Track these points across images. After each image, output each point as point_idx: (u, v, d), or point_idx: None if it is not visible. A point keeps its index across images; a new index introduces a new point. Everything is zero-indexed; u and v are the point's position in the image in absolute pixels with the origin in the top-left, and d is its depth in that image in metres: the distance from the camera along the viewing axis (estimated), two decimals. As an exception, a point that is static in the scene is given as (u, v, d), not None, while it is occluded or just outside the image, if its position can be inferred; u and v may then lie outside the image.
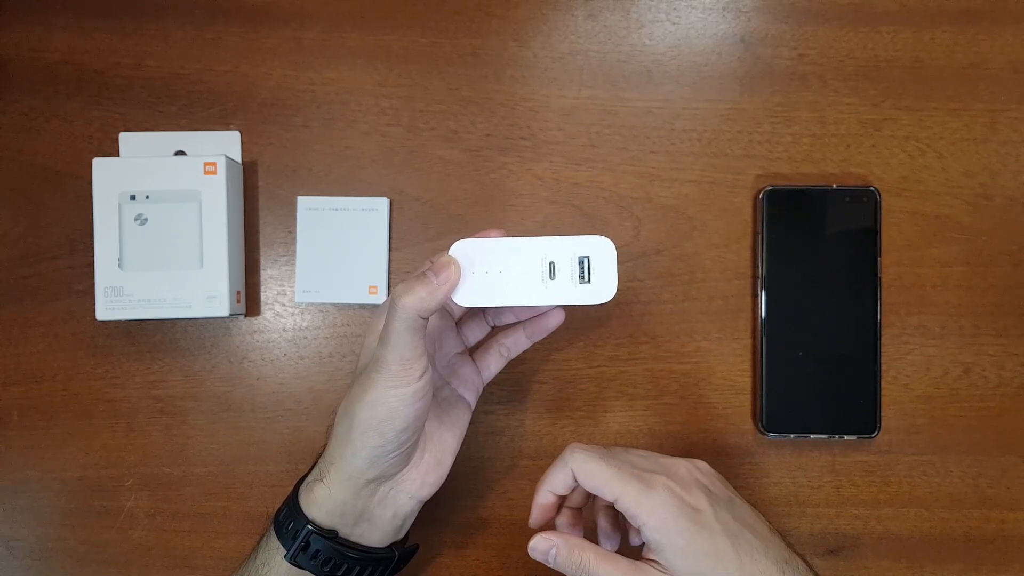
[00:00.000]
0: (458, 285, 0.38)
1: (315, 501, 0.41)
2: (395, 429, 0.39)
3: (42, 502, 0.53)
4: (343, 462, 0.41)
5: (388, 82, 0.54)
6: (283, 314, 0.54)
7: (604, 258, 0.37)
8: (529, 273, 0.38)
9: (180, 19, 0.54)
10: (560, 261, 0.37)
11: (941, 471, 0.53)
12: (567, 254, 0.37)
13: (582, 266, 0.38)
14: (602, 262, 0.37)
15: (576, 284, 0.38)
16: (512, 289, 0.38)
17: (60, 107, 0.54)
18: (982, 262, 0.53)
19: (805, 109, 0.53)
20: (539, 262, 0.38)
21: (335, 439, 0.41)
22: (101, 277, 0.50)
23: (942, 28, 0.53)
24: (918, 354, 0.53)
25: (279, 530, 0.42)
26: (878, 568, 0.52)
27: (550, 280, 0.38)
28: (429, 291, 0.37)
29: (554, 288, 0.38)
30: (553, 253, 0.38)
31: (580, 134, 0.53)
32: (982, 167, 0.53)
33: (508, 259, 0.38)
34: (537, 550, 0.39)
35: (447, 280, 0.37)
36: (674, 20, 0.54)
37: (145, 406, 0.53)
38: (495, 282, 0.38)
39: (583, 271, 0.38)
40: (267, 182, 0.54)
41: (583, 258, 0.37)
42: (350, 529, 0.42)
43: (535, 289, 0.38)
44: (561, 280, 0.38)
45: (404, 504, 0.43)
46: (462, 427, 0.45)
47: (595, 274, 0.37)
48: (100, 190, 0.50)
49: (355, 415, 0.40)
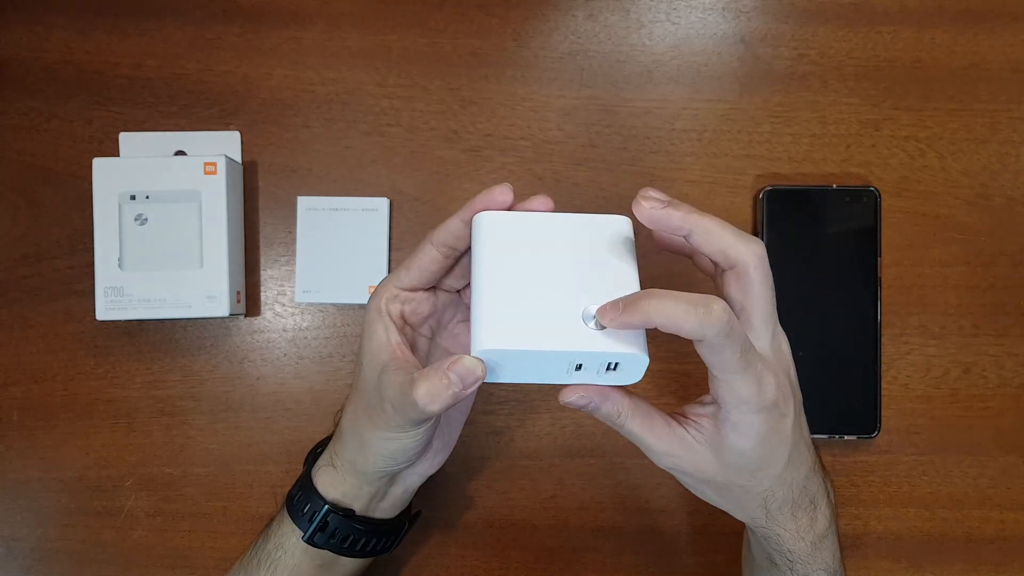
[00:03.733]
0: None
1: (330, 483, 0.42)
2: (408, 456, 0.40)
3: (42, 502, 0.53)
4: (356, 465, 0.41)
5: (388, 82, 0.54)
6: (283, 314, 0.54)
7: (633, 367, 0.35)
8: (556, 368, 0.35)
9: (180, 19, 0.54)
10: (588, 365, 0.35)
11: (941, 471, 0.53)
12: (597, 361, 0.35)
13: (609, 367, 0.35)
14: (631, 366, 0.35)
15: (602, 374, 0.35)
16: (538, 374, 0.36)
17: (60, 107, 0.54)
18: (982, 262, 0.53)
19: (805, 109, 0.53)
20: (565, 364, 0.35)
21: (345, 445, 0.42)
22: (101, 277, 0.50)
23: (942, 28, 0.53)
24: (918, 354, 0.53)
25: (294, 512, 0.42)
26: (878, 568, 0.52)
27: (575, 372, 0.35)
28: (452, 397, 0.35)
29: (579, 377, 0.36)
30: (582, 358, 0.35)
31: (580, 134, 0.53)
32: (982, 167, 0.53)
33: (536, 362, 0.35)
34: (569, 395, 0.36)
35: (471, 385, 0.35)
36: (674, 20, 0.54)
37: (145, 406, 0.53)
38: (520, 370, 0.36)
39: (610, 366, 0.35)
40: (267, 182, 0.54)
41: (611, 364, 0.35)
42: (364, 507, 0.43)
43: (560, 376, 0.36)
44: (586, 373, 0.35)
45: (413, 482, 0.44)
46: (468, 402, 0.46)
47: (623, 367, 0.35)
48: (100, 190, 0.50)
49: (366, 440, 0.40)
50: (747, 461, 0.36)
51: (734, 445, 0.35)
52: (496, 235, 0.38)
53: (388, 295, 0.40)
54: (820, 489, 0.39)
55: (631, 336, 0.35)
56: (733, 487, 0.37)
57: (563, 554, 0.53)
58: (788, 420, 0.36)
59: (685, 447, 0.36)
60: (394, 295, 0.40)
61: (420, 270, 0.40)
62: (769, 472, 0.36)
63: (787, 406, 0.36)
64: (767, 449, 0.36)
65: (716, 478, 0.37)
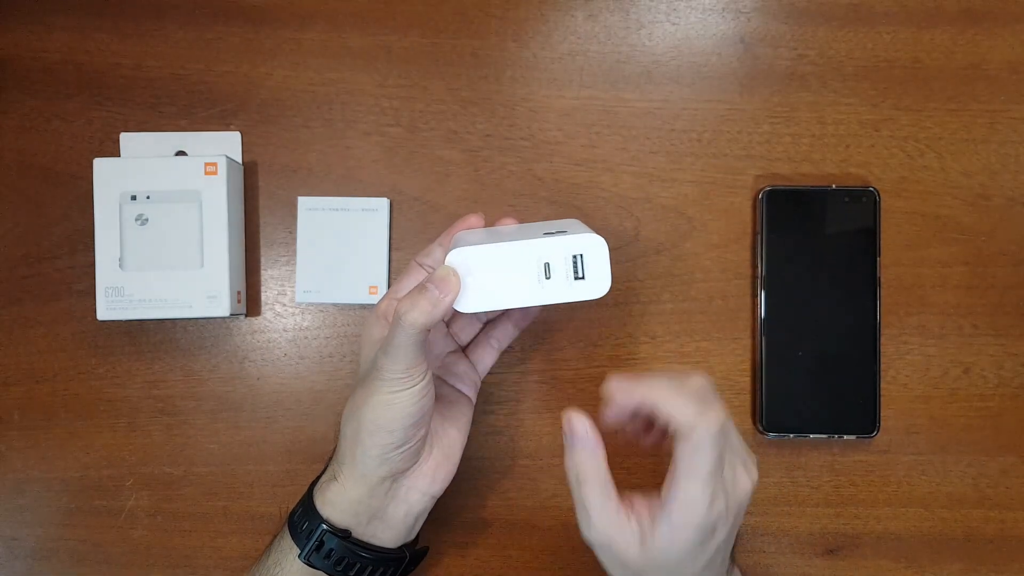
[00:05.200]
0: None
1: (329, 500, 0.42)
2: (403, 426, 0.40)
3: (42, 502, 0.53)
4: (354, 461, 0.41)
5: (388, 82, 0.54)
6: (283, 314, 0.54)
7: (597, 255, 0.38)
8: (525, 275, 0.38)
9: (180, 19, 0.54)
10: (554, 261, 0.38)
11: (941, 471, 0.53)
12: (561, 254, 0.38)
13: (575, 264, 0.38)
14: (595, 258, 0.38)
15: (571, 282, 0.38)
16: (510, 292, 0.39)
17: (60, 107, 0.54)
18: (982, 262, 0.53)
19: (805, 109, 0.53)
20: (534, 263, 0.38)
21: (344, 440, 0.42)
22: (102, 277, 0.50)
23: (942, 28, 0.53)
24: (917, 354, 0.53)
25: (293, 530, 0.42)
26: (877, 568, 0.53)
27: (546, 280, 0.38)
28: (432, 304, 0.37)
29: (550, 287, 0.38)
30: (547, 254, 0.38)
31: (580, 134, 0.53)
32: (982, 167, 0.53)
33: (504, 264, 0.38)
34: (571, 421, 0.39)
35: (449, 292, 0.38)
36: (674, 20, 0.54)
37: (145, 406, 0.53)
38: (493, 287, 0.39)
39: (577, 269, 0.38)
40: (267, 182, 0.54)
41: (576, 256, 0.38)
42: (364, 528, 0.42)
43: (532, 290, 0.39)
44: (557, 279, 0.38)
45: (417, 501, 0.43)
46: (466, 422, 0.46)
47: (589, 271, 0.38)
48: (101, 190, 0.50)
49: (362, 417, 0.40)
50: (665, 561, 0.38)
51: (662, 546, 0.37)
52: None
53: (386, 302, 0.44)
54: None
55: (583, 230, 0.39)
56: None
57: (563, 554, 0.53)
58: (716, 540, 0.38)
59: (621, 534, 0.38)
60: (390, 302, 0.44)
61: (409, 280, 0.43)
62: (681, 573, 0.39)
63: (723, 529, 0.38)
64: (689, 558, 0.38)
65: (632, 565, 0.38)
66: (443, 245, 0.43)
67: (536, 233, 0.40)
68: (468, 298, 0.39)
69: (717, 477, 0.37)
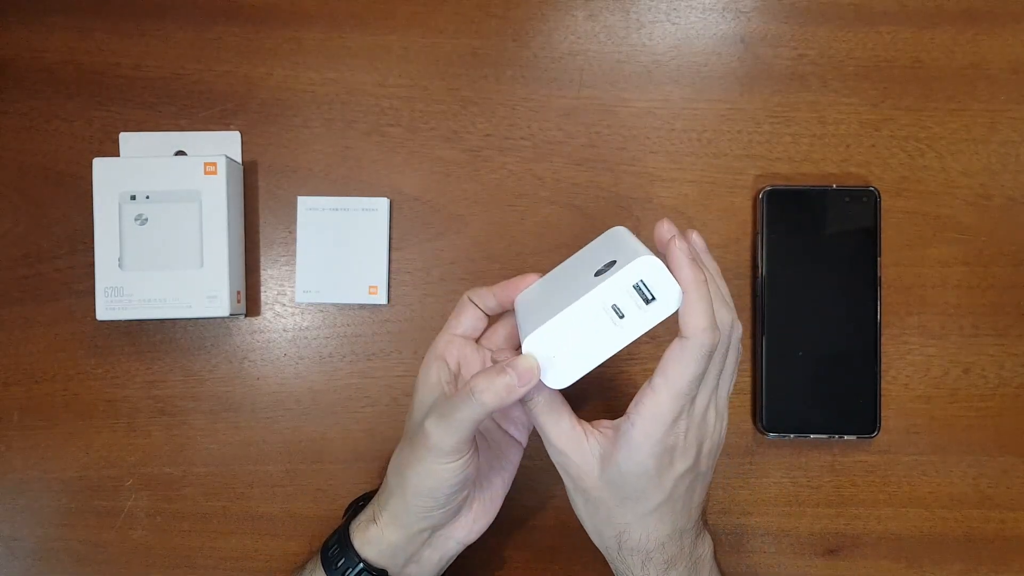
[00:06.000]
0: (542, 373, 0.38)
1: (368, 540, 0.42)
2: (446, 494, 0.40)
3: (42, 502, 0.53)
4: (397, 513, 0.42)
5: (388, 82, 0.54)
6: (283, 314, 0.54)
7: (655, 274, 0.37)
8: (601, 327, 0.37)
9: (180, 19, 0.54)
10: (620, 300, 0.37)
11: (941, 471, 0.53)
12: (623, 291, 0.37)
13: (640, 292, 0.37)
14: (655, 277, 0.37)
15: (644, 309, 0.37)
16: (594, 350, 0.38)
17: (60, 107, 0.54)
18: (982, 262, 0.53)
19: (805, 109, 0.53)
20: (603, 313, 0.37)
21: (388, 490, 0.42)
22: (101, 277, 0.50)
23: (942, 28, 0.53)
24: (918, 354, 0.53)
25: (328, 565, 0.43)
26: (878, 568, 0.52)
27: (620, 320, 0.37)
28: (508, 392, 0.37)
29: (628, 325, 0.37)
30: (610, 298, 0.37)
31: (580, 134, 0.53)
32: (982, 167, 0.53)
33: (576, 327, 0.37)
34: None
35: (527, 384, 0.37)
36: (674, 20, 0.54)
37: (145, 406, 0.53)
38: (576, 353, 0.38)
39: (644, 295, 0.37)
40: (267, 182, 0.54)
41: (637, 285, 0.37)
42: (399, 569, 0.43)
43: (612, 336, 0.37)
44: (630, 314, 0.37)
45: (451, 548, 0.44)
46: (512, 469, 0.46)
47: (656, 291, 0.37)
48: (100, 190, 0.50)
49: (407, 479, 0.40)
50: (622, 483, 0.39)
51: (619, 462, 0.38)
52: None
53: (444, 340, 0.43)
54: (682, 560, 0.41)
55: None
56: (600, 506, 0.40)
57: (563, 554, 0.53)
58: (673, 472, 0.38)
59: (578, 450, 0.39)
60: (449, 340, 0.44)
61: (465, 316, 0.44)
62: (635, 508, 0.39)
63: (682, 462, 0.38)
64: (643, 483, 0.38)
65: (591, 490, 0.39)
66: (497, 297, 0.43)
67: (588, 276, 0.39)
68: (557, 373, 0.38)
69: (687, 397, 0.37)
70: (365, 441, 0.53)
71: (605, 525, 0.41)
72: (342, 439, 0.53)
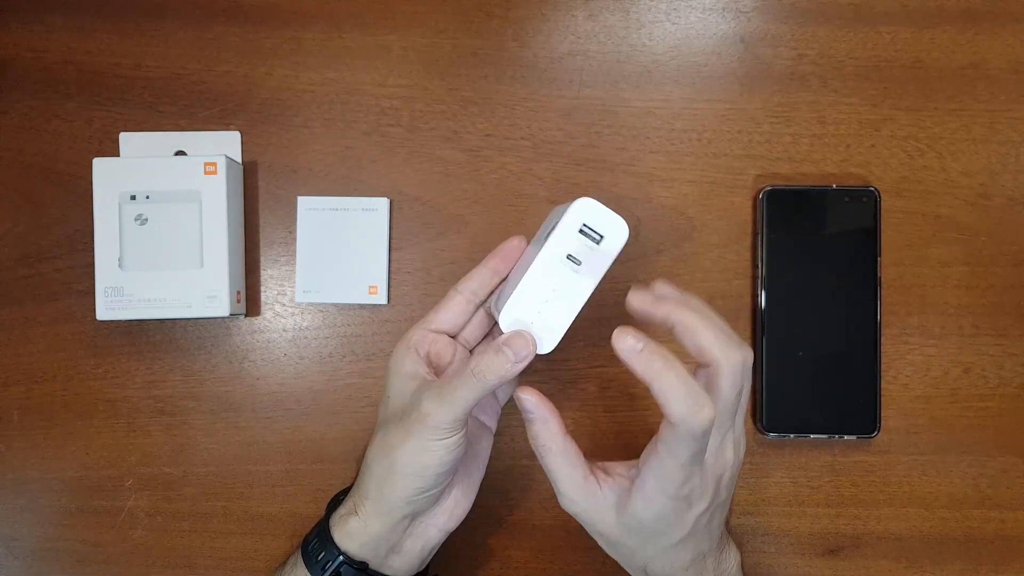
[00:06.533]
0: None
1: (349, 533, 0.42)
2: (437, 473, 0.40)
3: (42, 502, 0.53)
4: (381, 499, 0.41)
5: (388, 82, 0.54)
6: (283, 314, 0.54)
7: (594, 213, 0.38)
8: (565, 279, 0.39)
9: (180, 19, 0.54)
10: (572, 248, 0.38)
11: (941, 471, 0.53)
12: (571, 240, 0.38)
13: (587, 234, 0.39)
14: (595, 216, 0.38)
15: (597, 248, 0.39)
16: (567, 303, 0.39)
17: (60, 107, 0.54)
18: (982, 262, 0.53)
19: (805, 109, 0.53)
20: (561, 265, 0.39)
21: (370, 476, 0.42)
22: (101, 277, 0.50)
23: (942, 28, 0.53)
24: (918, 354, 0.53)
25: (308, 560, 0.43)
26: (878, 568, 0.52)
27: (580, 267, 0.39)
28: (510, 365, 0.38)
29: (588, 268, 0.39)
30: (562, 249, 0.38)
31: (580, 134, 0.53)
32: (982, 167, 0.53)
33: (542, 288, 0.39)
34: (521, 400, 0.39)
35: (525, 358, 0.38)
36: (674, 20, 0.54)
37: (145, 406, 0.53)
38: (552, 313, 0.39)
39: (591, 236, 0.39)
40: (267, 182, 0.54)
41: (581, 228, 0.39)
42: (381, 561, 0.43)
43: (579, 284, 0.39)
44: (586, 258, 0.39)
45: (433, 536, 0.44)
46: (485, 456, 0.46)
47: (601, 228, 0.39)
48: (100, 190, 0.50)
49: (396, 459, 0.40)
50: (641, 529, 0.39)
51: (636, 513, 0.38)
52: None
53: (419, 333, 0.44)
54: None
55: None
56: (620, 547, 0.40)
57: (563, 554, 0.53)
58: (694, 512, 0.38)
59: (592, 501, 0.39)
60: (423, 334, 0.44)
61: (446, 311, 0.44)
62: (658, 543, 0.39)
63: (701, 502, 0.38)
64: (663, 527, 0.39)
65: (610, 534, 0.40)
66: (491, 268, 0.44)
67: (541, 241, 0.40)
68: (541, 338, 0.39)
69: (696, 460, 0.37)
70: (365, 441, 0.53)
71: (631, 559, 0.41)
72: (342, 439, 0.53)
